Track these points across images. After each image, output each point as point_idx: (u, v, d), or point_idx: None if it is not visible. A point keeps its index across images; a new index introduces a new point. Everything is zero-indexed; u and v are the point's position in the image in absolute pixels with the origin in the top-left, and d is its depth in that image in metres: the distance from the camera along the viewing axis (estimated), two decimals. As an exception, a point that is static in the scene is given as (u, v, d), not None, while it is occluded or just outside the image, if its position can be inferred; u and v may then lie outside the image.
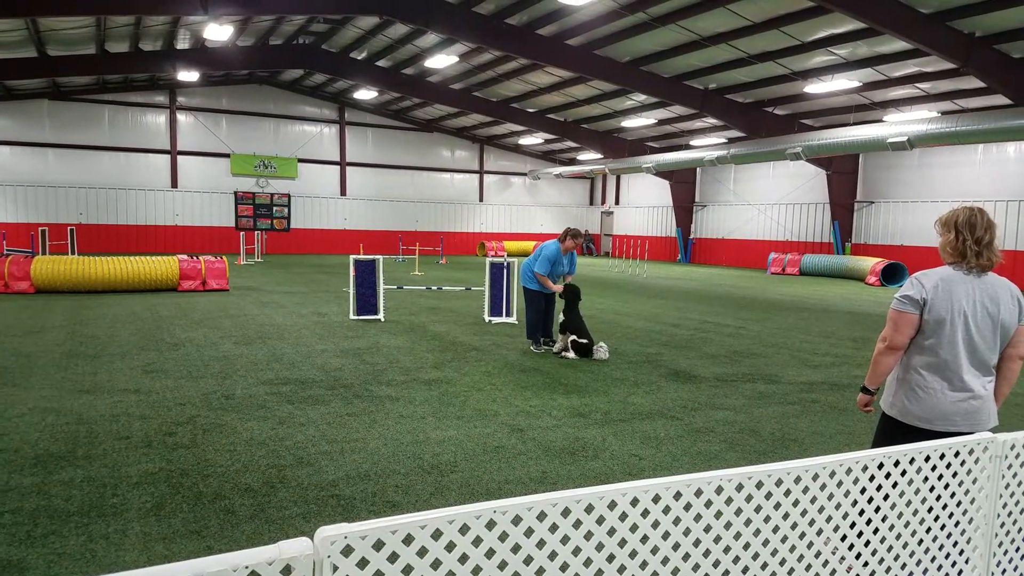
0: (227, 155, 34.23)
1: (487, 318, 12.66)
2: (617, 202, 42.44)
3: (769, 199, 32.87)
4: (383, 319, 12.45)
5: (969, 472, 2.95)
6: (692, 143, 32.11)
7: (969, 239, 3.34)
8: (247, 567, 1.65)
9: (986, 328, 3.40)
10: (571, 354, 9.46)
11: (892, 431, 3.56)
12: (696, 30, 19.69)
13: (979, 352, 3.42)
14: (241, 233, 29.81)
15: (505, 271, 12.59)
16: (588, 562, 2.19)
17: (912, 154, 26.14)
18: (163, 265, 16.57)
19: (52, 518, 4.13)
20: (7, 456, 5.15)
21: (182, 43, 25.76)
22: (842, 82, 21.32)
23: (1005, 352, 3.51)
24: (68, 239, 25.08)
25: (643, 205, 40.18)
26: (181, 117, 33.25)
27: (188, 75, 27.35)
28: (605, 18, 19.71)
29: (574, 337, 9.49)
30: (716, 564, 2.42)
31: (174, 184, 33.28)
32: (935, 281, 3.39)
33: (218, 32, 21.58)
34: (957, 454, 2.91)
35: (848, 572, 2.72)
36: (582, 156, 38.32)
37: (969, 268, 3.37)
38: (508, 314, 12.68)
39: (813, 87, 22.13)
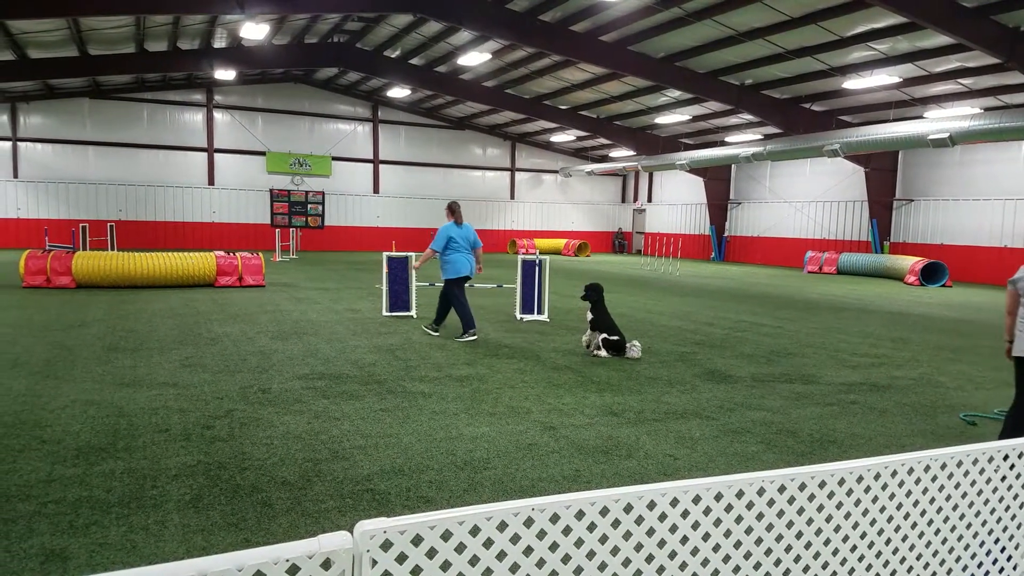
0: (263, 153, 34.66)
1: (518, 315, 12.64)
2: (649, 199, 42.15)
3: (806, 197, 32.40)
4: (415, 316, 12.51)
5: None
6: (727, 140, 31.75)
7: None
8: (287, 560, 1.66)
9: None
10: (603, 352, 9.39)
11: (1020, 367, 5.31)
12: (732, 25, 19.46)
13: None
14: (276, 230, 30.16)
15: (537, 269, 12.56)
16: (627, 562, 2.16)
17: (953, 151, 25.58)
18: (200, 261, 16.82)
19: (94, 508, 4.21)
20: (50, 447, 5.26)
21: (219, 42, 26.13)
22: (882, 78, 20.91)
23: None
24: (108, 235, 25.54)
25: (676, 202, 39.86)
26: (218, 115, 33.73)
27: (225, 74, 27.74)
28: (639, 14, 19.57)
29: (605, 335, 9.42)
30: (757, 567, 2.38)
31: (211, 181, 33.79)
32: None
33: (254, 31, 21.85)
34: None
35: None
36: (614, 153, 38.09)
37: None
38: (540, 311, 12.65)
39: (852, 83, 21.74)
